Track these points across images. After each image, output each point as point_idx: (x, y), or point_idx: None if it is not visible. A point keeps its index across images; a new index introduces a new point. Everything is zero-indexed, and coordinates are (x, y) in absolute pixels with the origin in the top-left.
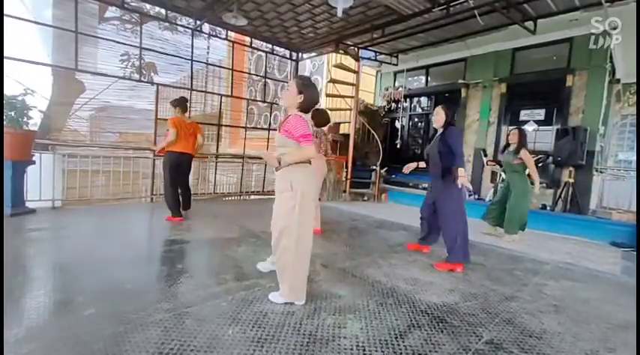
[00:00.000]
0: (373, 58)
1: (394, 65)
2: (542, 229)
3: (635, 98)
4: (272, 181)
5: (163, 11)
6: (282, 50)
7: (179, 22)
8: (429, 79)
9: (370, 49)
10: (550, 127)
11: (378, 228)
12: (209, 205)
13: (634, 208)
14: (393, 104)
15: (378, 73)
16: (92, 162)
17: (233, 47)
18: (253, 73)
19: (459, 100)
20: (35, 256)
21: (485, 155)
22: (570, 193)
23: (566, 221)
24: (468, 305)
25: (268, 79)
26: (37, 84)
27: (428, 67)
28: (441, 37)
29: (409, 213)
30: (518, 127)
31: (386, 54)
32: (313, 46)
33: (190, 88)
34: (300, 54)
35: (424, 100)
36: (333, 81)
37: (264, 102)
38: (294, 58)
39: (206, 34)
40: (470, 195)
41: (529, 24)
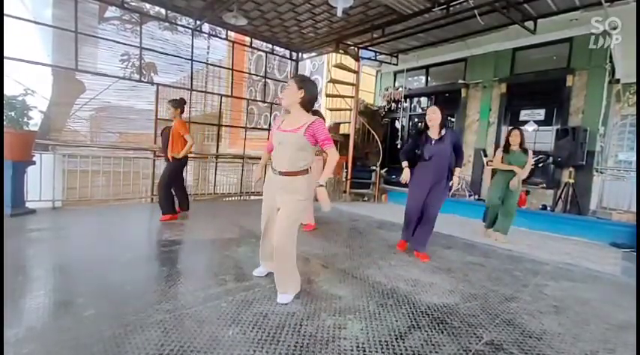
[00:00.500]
0: (373, 58)
1: (394, 65)
2: (542, 229)
3: (635, 98)
4: None
5: (163, 11)
6: (282, 50)
7: (179, 22)
8: (429, 79)
9: (370, 49)
10: (550, 127)
11: (378, 228)
12: (209, 205)
13: (634, 209)
14: (393, 104)
15: (378, 73)
16: (92, 162)
17: (233, 47)
18: (253, 73)
19: (459, 100)
20: (35, 256)
21: (485, 155)
22: (570, 194)
23: (566, 221)
24: (468, 306)
25: (268, 79)
26: (37, 84)
27: (428, 67)
28: (441, 36)
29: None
30: (518, 127)
31: (386, 54)
32: (313, 46)
33: (190, 88)
34: (300, 54)
35: (424, 100)
36: (333, 81)
37: (264, 102)
38: (294, 58)
39: (206, 34)
40: (470, 195)
41: (529, 24)
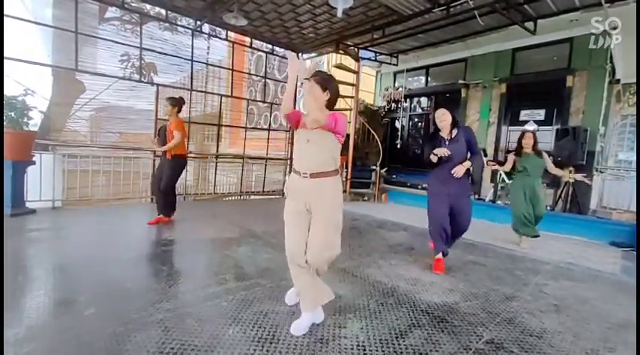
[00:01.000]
0: (373, 59)
1: (394, 65)
2: (543, 229)
3: (635, 98)
4: (272, 181)
5: (163, 11)
6: (282, 50)
7: (179, 23)
8: (429, 79)
9: (370, 49)
10: (550, 127)
11: (378, 228)
12: (209, 205)
13: (634, 208)
14: (393, 104)
15: (378, 73)
16: (92, 162)
17: (233, 47)
18: (253, 73)
19: (459, 101)
20: (35, 256)
21: (485, 155)
22: (570, 193)
23: (566, 221)
24: (469, 305)
25: (268, 79)
26: (37, 84)
27: (428, 68)
28: (441, 37)
29: (409, 214)
30: (531, 130)
31: (386, 54)
32: (313, 47)
33: (190, 88)
34: (300, 54)
35: (424, 100)
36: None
37: (264, 102)
38: None
39: (206, 34)
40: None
41: (529, 24)
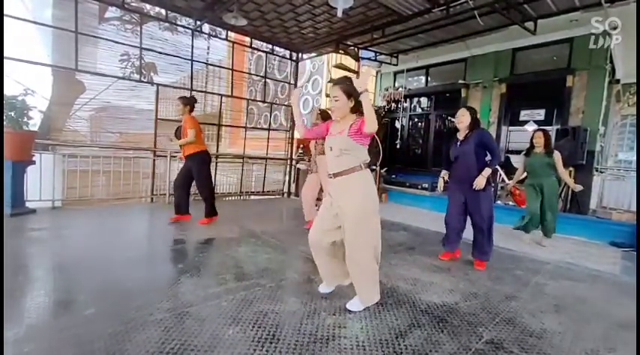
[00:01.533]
0: (373, 59)
1: (394, 65)
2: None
3: (635, 98)
4: (272, 181)
5: (163, 11)
6: (282, 50)
7: (179, 23)
8: (429, 79)
9: (370, 49)
10: (550, 127)
11: None
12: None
13: (634, 208)
14: (393, 104)
15: (378, 73)
16: (92, 162)
17: (233, 47)
18: (253, 73)
19: (458, 101)
20: (35, 256)
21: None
22: (570, 193)
23: (566, 221)
24: (469, 305)
25: (268, 79)
26: (37, 84)
27: (428, 67)
28: (441, 37)
29: (409, 213)
30: (541, 129)
31: (386, 54)
32: (313, 46)
33: (190, 88)
34: (300, 54)
35: (424, 100)
36: (333, 81)
37: (264, 102)
38: (294, 58)
39: (206, 34)
40: None
41: (529, 24)
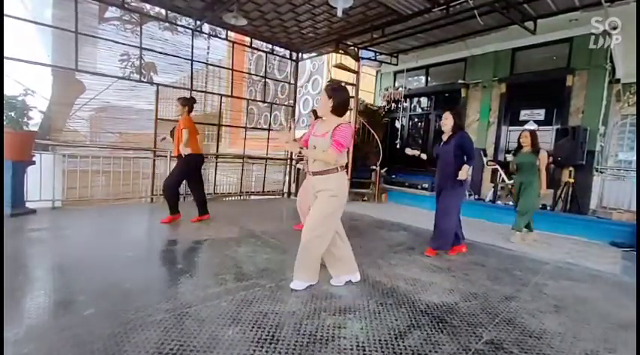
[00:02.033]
0: (373, 58)
1: (394, 65)
2: (543, 229)
3: (635, 98)
4: (272, 181)
5: (163, 11)
6: (282, 50)
7: (179, 23)
8: (429, 79)
9: (370, 49)
10: (550, 127)
11: (378, 228)
12: (209, 205)
13: (634, 208)
14: (393, 104)
15: (378, 73)
16: (92, 162)
17: (233, 47)
18: (253, 73)
19: (458, 100)
20: (35, 256)
21: (485, 155)
22: (570, 193)
23: (566, 221)
24: (468, 305)
25: (268, 79)
26: (37, 84)
27: (428, 67)
28: (441, 37)
29: (409, 213)
30: (529, 129)
31: (386, 54)
32: (313, 46)
33: (190, 88)
34: (300, 54)
35: (424, 100)
36: (334, 81)
37: (264, 102)
38: (294, 58)
39: (206, 34)
40: (470, 194)
41: (529, 24)
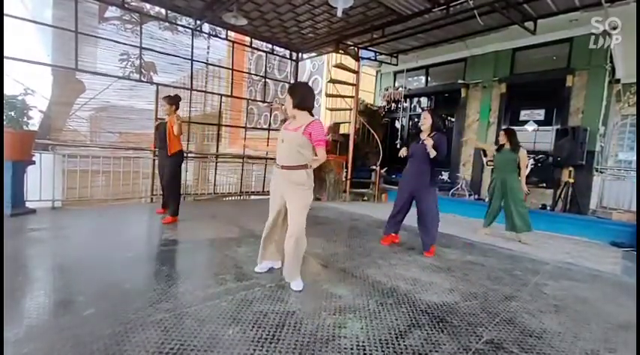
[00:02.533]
0: (373, 58)
1: (394, 65)
2: (542, 229)
3: (635, 98)
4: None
5: (163, 11)
6: (282, 50)
7: (179, 22)
8: (429, 79)
9: (370, 49)
10: (550, 127)
11: (378, 228)
12: (209, 205)
13: (634, 208)
14: (393, 104)
15: (378, 73)
16: (92, 162)
17: (233, 47)
18: (253, 73)
19: (458, 100)
20: (35, 256)
21: (484, 155)
22: (570, 193)
23: (566, 221)
24: (468, 305)
25: (268, 79)
26: (37, 84)
27: (428, 67)
28: (441, 37)
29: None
30: (506, 128)
31: (386, 54)
32: (313, 46)
33: (190, 87)
34: (300, 54)
35: (424, 100)
36: (333, 81)
37: (264, 102)
38: (294, 58)
39: (206, 34)
40: (469, 195)
41: (529, 24)
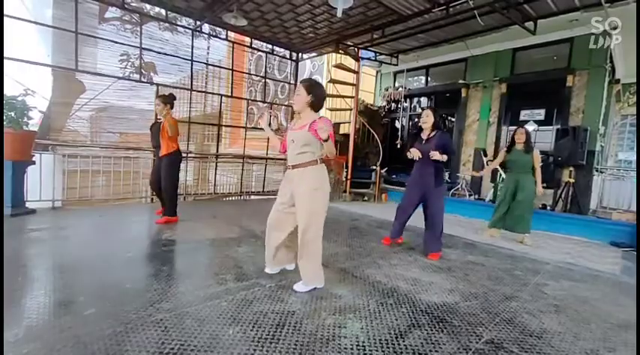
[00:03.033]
0: (373, 58)
1: (394, 65)
2: (542, 229)
3: (635, 98)
4: (272, 181)
5: (163, 11)
6: (282, 50)
7: (179, 23)
8: (429, 79)
9: (370, 49)
10: (550, 127)
11: (378, 228)
12: (209, 205)
13: (634, 208)
14: (393, 104)
15: (378, 73)
16: (92, 162)
17: (233, 47)
18: (253, 73)
19: (459, 100)
20: (35, 256)
21: (485, 155)
22: (570, 193)
23: (566, 221)
24: (468, 305)
25: (268, 79)
26: (37, 84)
27: (428, 67)
28: (441, 37)
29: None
30: (524, 127)
31: (386, 54)
32: (313, 47)
33: (190, 88)
34: (300, 54)
35: (424, 100)
36: (333, 81)
37: (264, 102)
38: (294, 58)
39: (206, 34)
40: (470, 195)
41: (529, 24)
